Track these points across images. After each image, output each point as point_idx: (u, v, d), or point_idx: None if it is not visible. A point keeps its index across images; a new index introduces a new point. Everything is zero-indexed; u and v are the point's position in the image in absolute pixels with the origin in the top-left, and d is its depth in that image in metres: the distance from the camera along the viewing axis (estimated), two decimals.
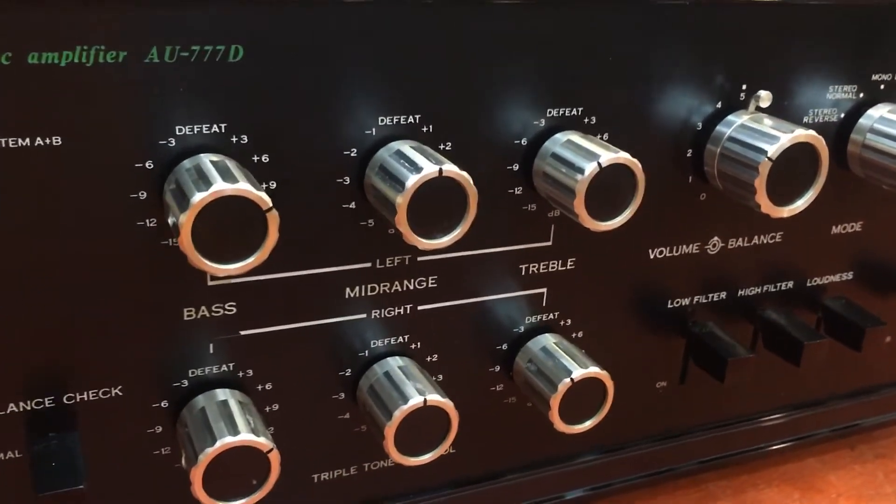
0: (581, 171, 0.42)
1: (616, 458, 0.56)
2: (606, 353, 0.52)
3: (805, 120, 0.52)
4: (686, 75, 0.48)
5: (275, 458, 0.40)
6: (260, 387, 0.44)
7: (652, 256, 0.52)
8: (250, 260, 0.36)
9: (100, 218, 0.37)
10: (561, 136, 0.44)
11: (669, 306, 0.54)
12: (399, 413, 0.42)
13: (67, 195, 0.36)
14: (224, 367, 0.43)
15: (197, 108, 0.37)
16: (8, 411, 0.39)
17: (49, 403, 0.40)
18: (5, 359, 0.38)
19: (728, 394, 0.57)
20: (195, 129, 0.38)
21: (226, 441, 0.39)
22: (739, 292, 0.56)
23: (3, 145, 0.35)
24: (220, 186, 0.34)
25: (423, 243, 0.39)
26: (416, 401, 0.43)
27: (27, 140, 0.35)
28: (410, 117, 0.42)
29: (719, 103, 0.49)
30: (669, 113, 0.48)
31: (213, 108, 0.38)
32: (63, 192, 0.36)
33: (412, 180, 0.38)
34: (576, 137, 0.44)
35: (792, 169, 0.46)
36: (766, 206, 0.46)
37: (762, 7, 0.48)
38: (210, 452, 0.38)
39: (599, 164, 0.42)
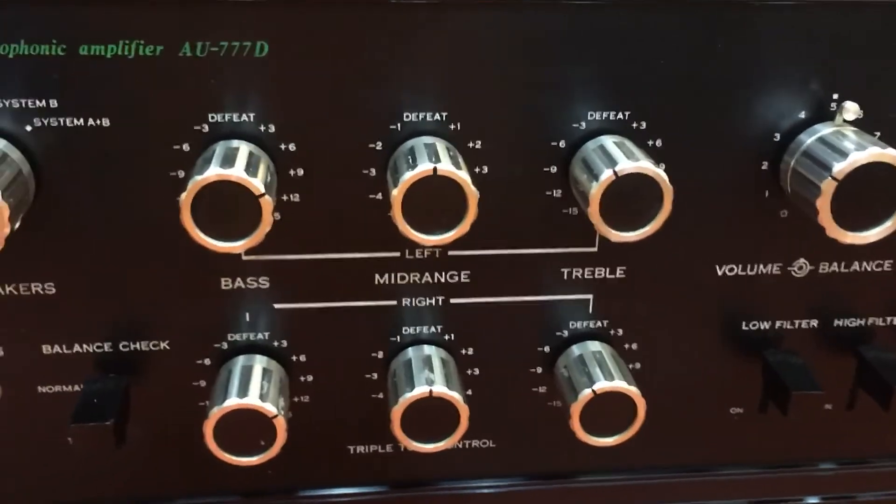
0: (596, 177, 0.40)
1: (674, 480, 0.53)
2: (668, 370, 0.50)
3: None
4: (766, 80, 0.44)
5: (279, 424, 0.43)
6: (294, 357, 0.47)
7: (720, 273, 0.48)
8: (243, 242, 0.39)
9: (142, 193, 0.42)
10: (601, 140, 0.43)
11: (745, 328, 0.50)
12: (404, 400, 0.44)
13: (116, 170, 0.42)
14: (261, 336, 0.47)
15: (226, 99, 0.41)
16: (73, 351, 0.46)
17: (108, 348, 0.46)
18: (73, 307, 0.45)
19: (810, 432, 0.52)
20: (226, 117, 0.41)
21: (232, 402, 0.43)
22: (836, 322, 0.50)
23: (63, 124, 0.41)
24: (214, 171, 0.38)
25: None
26: (421, 390, 0.44)
27: (81, 121, 0.41)
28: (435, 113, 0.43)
29: (802, 113, 0.45)
30: (743, 121, 0.45)
31: (240, 100, 0.41)
32: (112, 167, 0.42)
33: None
34: (609, 142, 0.42)
35: (870, 191, 0.41)
36: (832, 229, 0.42)
37: (859, 6, 0.43)
38: (217, 411, 0.43)
39: (616, 172, 0.40)
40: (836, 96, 0.44)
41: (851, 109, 0.43)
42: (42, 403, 0.46)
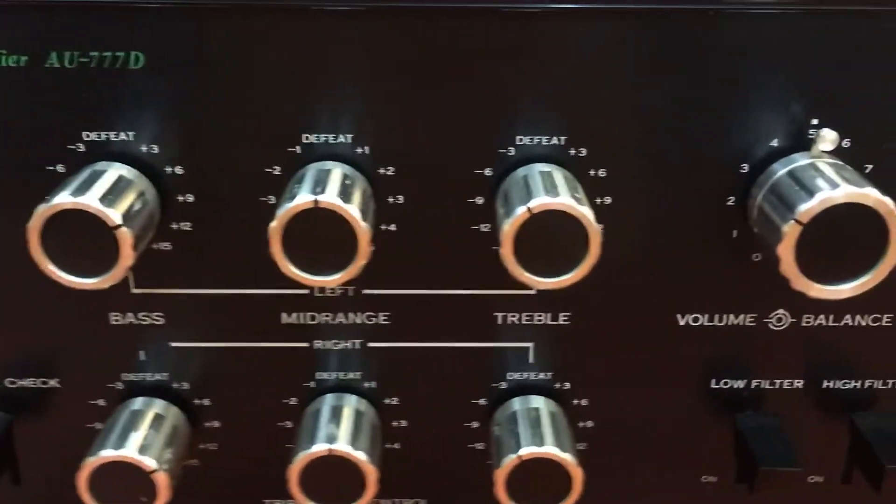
0: (508, 214, 0.34)
1: None
2: (626, 430, 0.44)
3: None
4: (731, 100, 0.37)
5: (160, 479, 0.39)
6: (197, 401, 0.43)
7: (683, 323, 0.42)
8: (101, 278, 0.35)
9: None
10: (527, 170, 0.37)
11: (714, 386, 0.43)
12: (303, 456, 0.39)
13: None
14: (159, 376, 0.42)
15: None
16: None
17: None
18: None
19: None
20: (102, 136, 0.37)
21: (107, 453, 0.38)
22: (825, 384, 0.43)
23: None
24: (62, 199, 0.33)
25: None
26: (320, 448, 0.39)
27: None
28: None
29: (775, 141, 0.38)
30: (707, 149, 0.38)
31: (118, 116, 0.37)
32: None
33: None
34: (535, 172, 0.36)
35: (845, 238, 0.34)
36: (797, 280, 0.35)
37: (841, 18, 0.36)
38: (91, 461, 0.38)
39: (529, 209, 0.34)
40: (815, 122, 0.37)
41: (828, 139, 0.36)
42: None
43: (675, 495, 0.46)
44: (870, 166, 0.38)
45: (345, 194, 0.35)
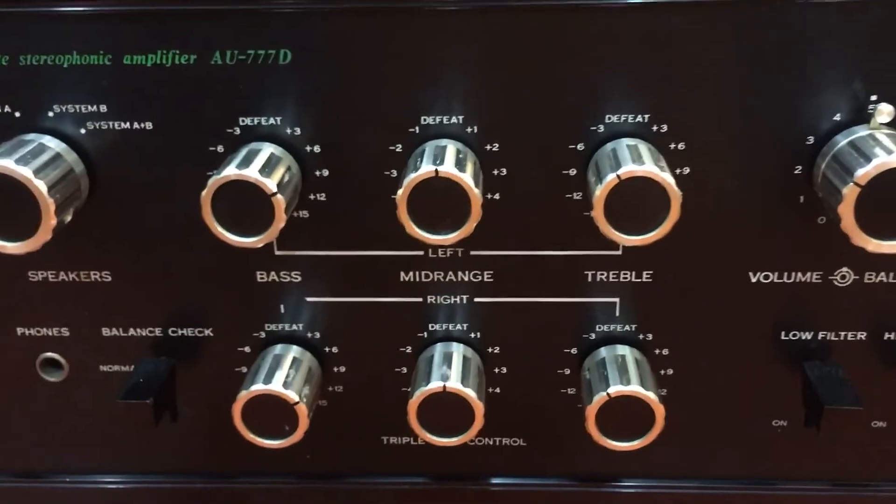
0: (601, 180, 0.40)
1: (717, 491, 0.52)
2: (703, 377, 0.49)
3: None
4: (799, 80, 0.42)
5: (301, 411, 0.46)
6: (327, 349, 0.50)
7: (754, 280, 0.47)
8: (260, 237, 0.42)
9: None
10: (615, 143, 0.43)
11: (784, 337, 0.48)
12: (420, 393, 0.45)
13: (158, 173, 0.46)
14: (295, 327, 0.49)
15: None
16: (129, 334, 0.50)
17: (158, 333, 0.50)
18: (127, 294, 0.49)
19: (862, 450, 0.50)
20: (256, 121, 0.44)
21: (257, 387, 0.45)
22: (887, 336, 0.48)
23: (109, 128, 0.45)
24: (230, 171, 0.40)
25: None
26: (436, 385, 0.45)
27: (126, 124, 0.45)
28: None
29: (838, 115, 0.43)
30: (774, 123, 0.43)
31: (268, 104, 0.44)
32: (154, 169, 0.45)
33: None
34: (621, 145, 0.42)
35: None
36: (857, 236, 0.40)
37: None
38: (243, 395, 0.46)
39: (619, 175, 0.40)
40: (874, 97, 0.42)
41: (885, 111, 0.41)
42: (103, 381, 0.51)
43: (748, 438, 0.51)
44: None
45: (460, 165, 0.41)
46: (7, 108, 0.44)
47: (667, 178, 0.40)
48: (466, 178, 0.40)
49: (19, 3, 0.42)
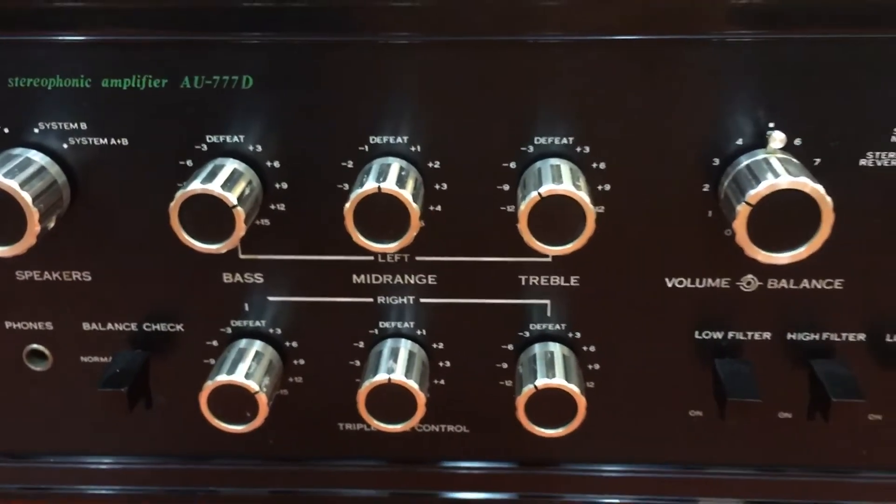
0: (524, 197, 0.45)
1: (643, 475, 0.57)
2: (625, 371, 0.54)
3: (862, 163, 0.48)
4: (705, 110, 0.48)
5: (261, 399, 0.51)
6: (287, 343, 0.55)
7: (670, 285, 0.52)
8: (222, 244, 0.47)
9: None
10: (540, 164, 0.48)
11: (697, 337, 0.53)
12: (368, 384, 0.51)
13: (133, 185, 0.50)
14: (259, 323, 0.54)
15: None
16: (107, 329, 0.55)
17: (134, 327, 0.55)
18: (106, 292, 0.54)
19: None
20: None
21: (221, 378, 0.51)
22: (789, 336, 0.53)
23: (89, 143, 0.50)
24: (195, 186, 0.45)
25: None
26: (381, 377, 0.50)
27: (104, 140, 0.50)
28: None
29: (740, 140, 0.48)
30: (687, 147, 0.48)
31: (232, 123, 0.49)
32: (129, 181, 0.50)
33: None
34: (546, 165, 0.47)
35: (788, 215, 0.44)
36: (749, 249, 0.45)
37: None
38: (209, 385, 0.51)
39: (540, 193, 0.45)
40: (771, 125, 0.47)
41: (778, 139, 0.46)
42: (83, 371, 0.56)
43: (669, 426, 0.56)
44: (818, 160, 0.48)
45: (401, 182, 0.46)
46: None
47: (582, 196, 0.45)
48: (406, 193, 0.45)
49: (9, 31, 0.47)
